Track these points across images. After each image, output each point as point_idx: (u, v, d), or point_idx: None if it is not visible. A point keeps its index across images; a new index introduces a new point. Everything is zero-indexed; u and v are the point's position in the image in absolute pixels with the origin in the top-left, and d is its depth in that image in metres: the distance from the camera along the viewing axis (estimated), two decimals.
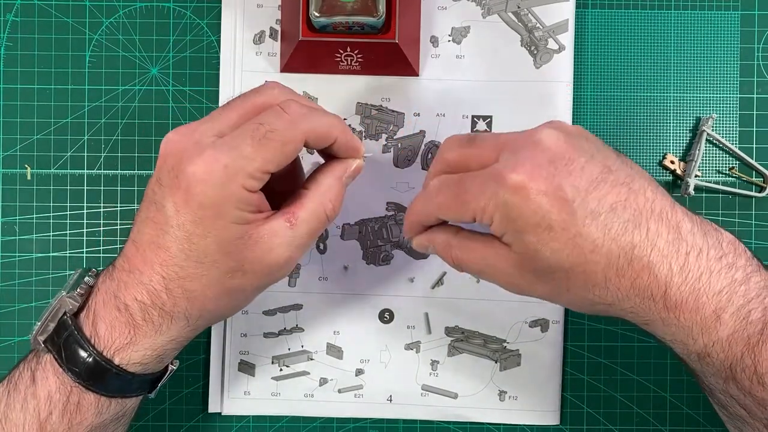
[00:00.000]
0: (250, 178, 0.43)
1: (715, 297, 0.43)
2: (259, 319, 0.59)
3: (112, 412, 0.47)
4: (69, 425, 0.46)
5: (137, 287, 0.45)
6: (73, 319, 0.46)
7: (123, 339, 0.46)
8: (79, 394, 0.46)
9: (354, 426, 0.60)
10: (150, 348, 0.46)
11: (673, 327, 0.44)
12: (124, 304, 0.45)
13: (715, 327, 0.43)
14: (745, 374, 0.43)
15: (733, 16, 0.59)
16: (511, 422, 0.59)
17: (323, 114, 0.47)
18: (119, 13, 0.60)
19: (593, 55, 0.59)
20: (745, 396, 0.44)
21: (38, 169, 0.59)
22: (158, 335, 0.46)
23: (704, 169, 0.59)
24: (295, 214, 0.46)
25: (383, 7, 0.52)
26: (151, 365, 0.47)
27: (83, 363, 0.45)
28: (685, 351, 0.45)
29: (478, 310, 0.59)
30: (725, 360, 0.43)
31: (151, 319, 0.45)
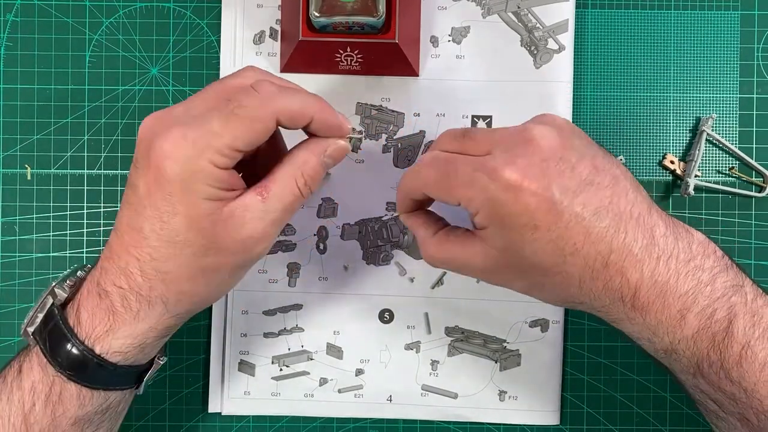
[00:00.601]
0: (217, 154, 0.43)
1: (681, 298, 0.44)
2: (259, 319, 0.59)
3: (95, 404, 0.47)
4: (52, 417, 0.46)
5: (116, 272, 0.45)
6: (59, 309, 0.47)
7: (103, 326, 0.45)
8: (61, 385, 0.46)
9: (354, 426, 0.60)
10: (130, 336, 0.46)
11: (639, 326, 0.45)
12: (105, 291, 0.45)
13: (680, 326, 0.44)
14: (712, 369, 0.44)
15: (733, 16, 0.59)
16: (511, 422, 0.59)
17: (298, 93, 0.46)
18: (119, 13, 0.60)
19: (593, 55, 0.59)
20: (714, 391, 0.45)
21: (38, 169, 0.59)
22: (137, 322, 0.45)
23: (704, 169, 0.59)
24: (267, 187, 0.45)
25: (383, 7, 0.52)
26: (132, 355, 0.46)
27: (65, 353, 0.45)
28: (652, 348, 0.46)
29: (478, 310, 0.59)
30: (692, 357, 0.45)
31: (129, 305, 0.45)
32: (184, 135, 0.43)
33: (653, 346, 0.46)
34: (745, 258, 0.59)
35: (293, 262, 0.59)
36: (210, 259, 0.45)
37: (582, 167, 0.44)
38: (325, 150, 0.47)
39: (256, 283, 0.59)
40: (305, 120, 0.45)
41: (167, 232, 0.44)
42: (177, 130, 0.43)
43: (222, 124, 0.43)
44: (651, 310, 0.44)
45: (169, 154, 0.43)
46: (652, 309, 0.44)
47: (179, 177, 0.43)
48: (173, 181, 0.43)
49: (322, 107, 0.46)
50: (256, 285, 0.59)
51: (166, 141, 0.43)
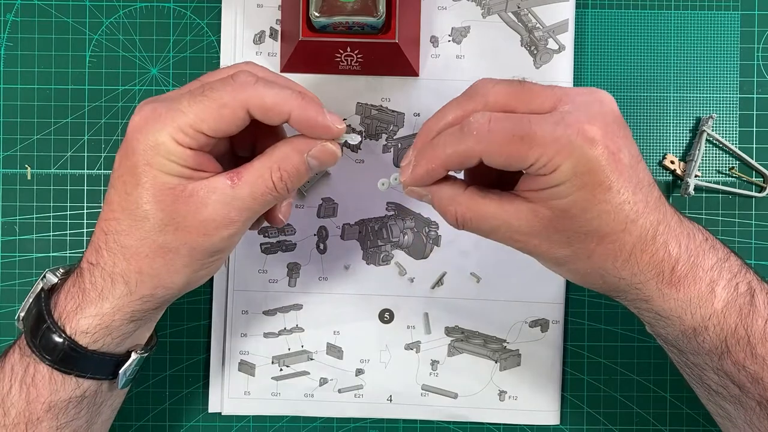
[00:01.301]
0: (180, 132, 0.43)
1: (708, 273, 0.45)
2: (259, 319, 0.59)
3: (67, 391, 0.47)
4: (27, 400, 0.46)
5: (90, 250, 0.46)
6: (46, 293, 0.47)
7: (73, 304, 0.46)
8: (34, 367, 0.46)
9: (354, 426, 0.60)
10: (96, 316, 0.46)
11: (671, 302, 0.45)
12: (80, 269, 0.46)
13: (711, 300, 0.45)
14: (740, 346, 0.45)
15: (733, 16, 0.59)
16: (511, 422, 0.59)
17: (277, 86, 0.44)
18: (119, 13, 0.60)
19: (593, 55, 0.59)
20: (739, 371, 0.45)
21: (38, 169, 0.59)
22: (101, 300, 0.46)
23: (704, 169, 0.59)
24: (239, 173, 0.44)
25: (383, 7, 0.52)
26: (100, 337, 0.46)
27: (41, 333, 0.46)
28: (681, 327, 0.46)
29: (478, 310, 0.59)
30: (721, 333, 0.45)
31: (95, 282, 0.46)
32: (154, 109, 0.44)
33: (682, 326, 0.45)
34: (745, 258, 0.59)
35: (293, 262, 0.59)
36: (169, 236, 0.44)
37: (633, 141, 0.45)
38: (310, 149, 0.45)
39: (256, 283, 0.59)
40: (280, 115, 0.44)
41: (129, 203, 0.44)
42: (149, 106, 0.44)
43: (189, 103, 0.43)
44: (684, 284, 0.45)
45: (137, 127, 0.44)
46: (685, 283, 0.45)
47: (143, 148, 0.44)
48: (138, 151, 0.44)
49: (303, 105, 0.44)
50: (256, 285, 0.59)
51: (137, 114, 0.44)
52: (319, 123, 0.45)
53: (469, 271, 0.59)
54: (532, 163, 0.42)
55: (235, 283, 0.59)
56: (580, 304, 0.59)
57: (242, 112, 0.44)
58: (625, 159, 0.43)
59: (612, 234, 0.43)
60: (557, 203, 0.43)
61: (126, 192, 0.44)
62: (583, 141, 0.41)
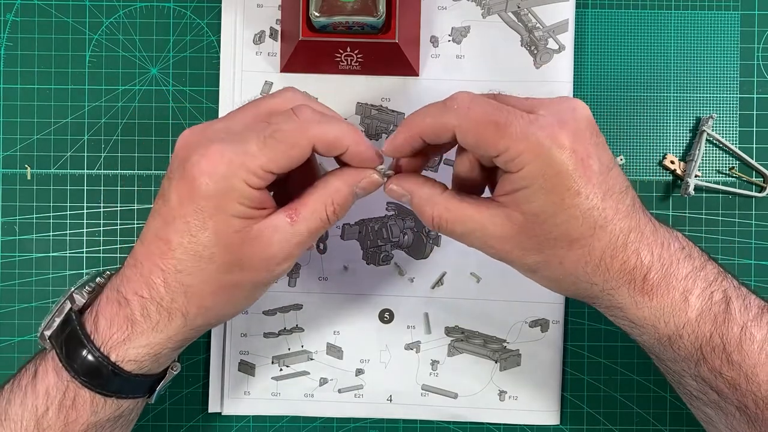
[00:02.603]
0: (252, 175, 0.43)
1: (682, 282, 0.46)
2: (259, 319, 0.59)
3: (107, 412, 0.47)
4: (65, 423, 0.46)
5: (138, 281, 0.45)
6: (77, 314, 0.47)
7: (120, 334, 0.46)
8: (75, 391, 0.46)
9: (354, 426, 0.60)
10: (147, 346, 0.46)
11: (645, 310, 0.46)
12: (125, 299, 0.46)
13: (684, 309, 0.45)
14: (715, 353, 0.45)
15: (733, 16, 0.59)
16: (511, 422, 0.59)
17: (336, 122, 0.46)
18: (119, 13, 0.60)
19: (593, 55, 0.59)
20: (716, 377, 0.46)
21: (38, 169, 0.59)
22: (155, 332, 0.46)
23: (704, 169, 0.59)
24: (297, 210, 0.45)
25: (383, 7, 0.52)
26: (147, 365, 0.47)
27: (81, 359, 0.45)
28: (656, 335, 0.46)
29: (478, 310, 0.59)
30: (695, 341, 0.45)
31: (149, 315, 0.45)
32: (222, 153, 0.43)
33: (657, 333, 0.46)
34: (745, 258, 0.59)
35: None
36: (234, 276, 0.45)
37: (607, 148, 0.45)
38: (359, 181, 0.47)
39: None
40: (340, 149, 0.46)
41: (194, 245, 0.44)
42: (215, 148, 0.43)
43: (259, 146, 0.43)
44: (657, 293, 0.45)
45: (205, 170, 0.43)
46: (658, 292, 0.45)
47: (213, 193, 0.43)
48: (206, 196, 0.43)
49: (357, 140, 0.46)
50: None
51: (204, 157, 0.43)
52: (371, 156, 0.47)
53: (469, 271, 0.59)
54: (500, 153, 0.43)
55: None
56: (580, 304, 0.59)
57: (309, 149, 0.45)
58: (595, 165, 0.44)
59: (581, 239, 0.44)
60: (528, 207, 0.44)
61: (190, 233, 0.44)
62: (552, 143, 0.43)
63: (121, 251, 0.59)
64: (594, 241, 0.44)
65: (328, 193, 0.46)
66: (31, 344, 0.59)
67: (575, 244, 0.44)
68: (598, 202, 0.44)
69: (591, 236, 0.44)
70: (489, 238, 0.45)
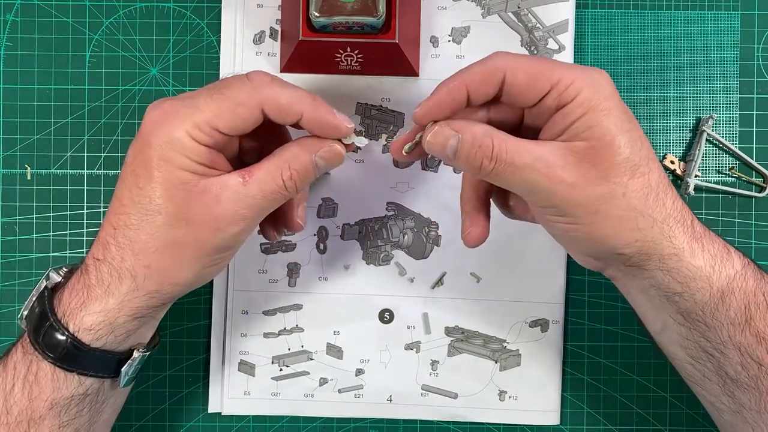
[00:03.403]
0: (196, 128, 0.44)
1: (718, 236, 0.47)
2: (259, 319, 0.59)
3: (70, 388, 0.47)
4: (29, 398, 0.46)
5: (96, 245, 0.46)
6: (49, 291, 0.47)
7: (77, 301, 0.46)
8: (37, 364, 0.46)
9: (354, 426, 0.60)
10: (101, 312, 0.46)
11: (699, 258, 0.46)
12: (86, 266, 0.46)
13: (730, 259, 0.46)
14: (760, 311, 0.46)
15: (733, 16, 0.59)
16: (511, 422, 0.59)
17: (290, 87, 0.46)
18: (119, 13, 0.60)
19: (593, 55, 0.59)
20: (759, 342, 0.46)
21: (38, 169, 0.59)
22: (107, 296, 0.46)
23: (704, 169, 0.59)
24: (251, 171, 0.45)
25: (383, 7, 0.52)
26: (104, 334, 0.46)
27: (44, 331, 0.46)
28: (710, 291, 0.46)
29: (478, 310, 0.59)
30: (744, 297, 0.46)
31: (102, 277, 0.46)
32: (171, 106, 0.45)
33: (711, 288, 0.46)
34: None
35: (293, 262, 0.59)
36: (180, 231, 0.45)
37: None
38: (319, 148, 0.46)
39: (256, 283, 0.59)
40: (294, 115, 0.45)
41: (141, 197, 0.45)
42: (167, 103, 0.45)
43: (206, 100, 0.44)
44: (706, 241, 0.46)
45: (154, 122, 0.45)
46: (705, 240, 0.46)
47: (158, 143, 0.44)
48: (153, 146, 0.44)
49: (315, 105, 0.45)
50: (256, 285, 0.59)
51: (154, 110, 0.45)
52: (330, 122, 0.46)
53: (469, 271, 0.59)
54: (553, 85, 0.44)
55: (235, 283, 0.59)
56: (580, 304, 0.59)
57: (257, 110, 0.45)
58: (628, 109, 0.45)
59: (641, 165, 0.44)
60: (590, 132, 0.44)
61: (138, 186, 0.45)
62: (598, 74, 0.45)
63: None
64: (650, 171, 0.45)
65: (286, 158, 0.46)
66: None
67: (637, 171, 0.44)
68: (643, 134, 0.45)
69: (647, 164, 0.44)
70: (551, 168, 0.43)
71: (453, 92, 0.45)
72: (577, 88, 0.43)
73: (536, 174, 0.44)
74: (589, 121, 0.43)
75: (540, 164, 0.43)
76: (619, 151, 0.44)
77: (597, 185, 0.44)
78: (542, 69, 0.44)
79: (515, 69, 0.44)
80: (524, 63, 0.45)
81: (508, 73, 0.44)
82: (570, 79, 0.44)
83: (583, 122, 0.44)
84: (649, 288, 0.47)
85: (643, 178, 0.44)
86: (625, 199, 0.44)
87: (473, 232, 0.49)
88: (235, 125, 0.45)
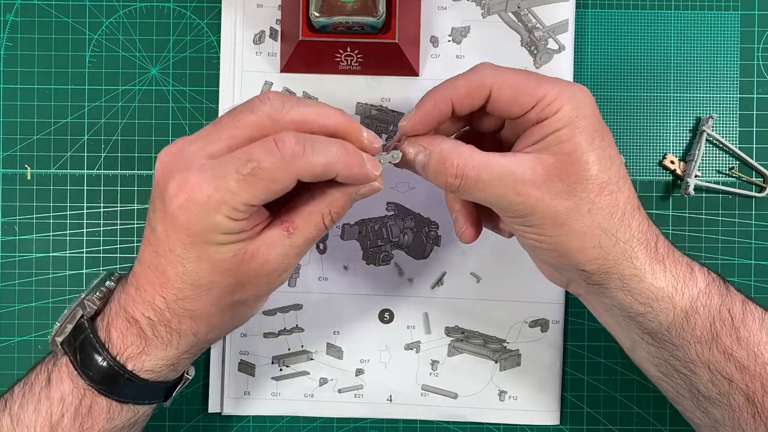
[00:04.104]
0: (233, 210, 0.42)
1: (683, 257, 0.47)
2: (259, 319, 0.59)
3: (123, 418, 0.47)
4: (80, 429, 0.46)
5: (143, 304, 0.45)
6: (89, 322, 0.46)
7: (135, 348, 0.46)
8: (92, 398, 0.46)
9: (354, 426, 0.60)
10: (163, 358, 0.46)
11: (661, 279, 0.46)
12: (133, 318, 0.45)
13: (693, 279, 0.46)
14: (726, 329, 0.46)
15: (733, 16, 0.59)
16: (511, 422, 0.59)
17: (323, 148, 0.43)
18: (119, 13, 0.60)
19: (593, 55, 0.59)
20: (727, 359, 0.46)
21: (38, 169, 0.59)
22: (169, 348, 0.46)
23: (704, 169, 0.59)
24: (294, 222, 0.44)
25: (383, 7, 0.52)
26: (165, 373, 0.47)
27: (97, 367, 0.45)
28: (673, 311, 0.46)
29: (478, 310, 0.59)
30: (709, 315, 0.46)
31: (160, 335, 0.45)
32: (200, 188, 0.42)
33: (674, 308, 0.46)
34: (745, 258, 0.59)
35: None
36: (236, 295, 0.45)
37: None
38: (358, 189, 0.46)
39: None
40: (328, 178, 0.44)
41: (190, 276, 0.43)
42: (193, 181, 0.42)
43: (239, 184, 0.41)
44: (668, 262, 0.46)
45: (185, 208, 0.42)
46: (668, 261, 0.46)
47: (195, 230, 0.42)
48: (189, 233, 0.42)
49: (348, 165, 0.43)
50: None
51: (182, 191, 0.42)
52: (362, 177, 0.45)
53: (469, 271, 0.59)
54: (538, 100, 0.44)
55: None
56: (580, 304, 0.59)
57: (293, 183, 0.43)
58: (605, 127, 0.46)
59: (610, 184, 0.44)
60: (561, 147, 0.44)
61: (183, 266, 0.43)
62: (578, 91, 0.45)
63: (121, 251, 0.59)
64: (619, 190, 0.45)
65: (326, 202, 0.45)
66: (31, 344, 0.59)
67: (605, 188, 0.44)
68: (616, 154, 0.45)
69: (617, 183, 0.45)
70: (518, 182, 0.44)
71: (439, 106, 0.45)
72: (559, 104, 0.44)
73: (503, 188, 0.44)
74: (563, 136, 0.44)
75: (508, 178, 0.44)
76: (587, 167, 0.44)
77: (563, 199, 0.44)
78: (528, 84, 0.44)
79: (501, 84, 0.44)
80: (510, 78, 0.45)
81: (494, 89, 0.45)
82: (554, 95, 0.44)
83: (556, 136, 0.44)
84: (612, 307, 0.47)
85: (611, 196, 0.45)
86: (591, 215, 0.44)
87: (467, 231, 0.49)
88: (270, 198, 0.43)
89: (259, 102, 0.43)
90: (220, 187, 0.41)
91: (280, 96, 0.44)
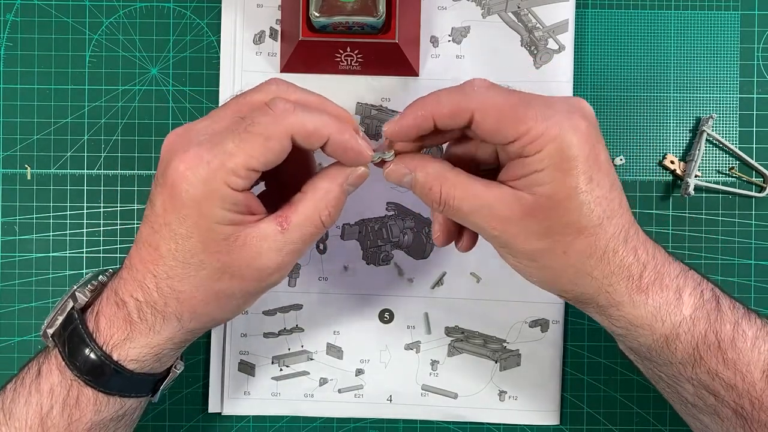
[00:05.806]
0: (232, 175, 0.42)
1: (674, 280, 0.46)
2: (259, 319, 0.59)
3: (111, 410, 0.47)
4: (69, 421, 0.46)
5: (133, 284, 0.45)
6: (79, 313, 0.47)
7: (120, 334, 0.46)
8: (78, 389, 0.46)
9: (354, 426, 0.60)
10: (146, 346, 0.46)
11: (642, 309, 0.45)
12: (122, 300, 0.46)
13: (679, 306, 0.45)
14: (711, 352, 0.45)
15: (733, 16, 0.59)
16: (511, 422, 0.59)
17: (314, 110, 0.44)
18: (119, 13, 0.60)
19: (593, 55, 0.59)
20: (713, 378, 0.46)
21: (38, 169, 0.59)
22: (153, 334, 0.46)
23: (704, 169, 0.59)
24: (288, 218, 0.44)
25: (383, 7, 0.52)
26: (149, 363, 0.47)
27: (84, 358, 0.46)
28: (652, 336, 0.46)
29: (478, 310, 0.59)
30: (692, 340, 0.45)
31: (145, 317, 0.45)
32: (200, 156, 0.42)
33: (653, 334, 0.46)
34: (745, 258, 0.59)
35: None
36: (224, 283, 0.45)
37: None
38: (347, 177, 0.46)
39: None
40: (320, 140, 0.44)
41: (182, 253, 0.44)
42: (194, 151, 0.42)
43: (236, 143, 0.42)
44: (652, 291, 0.45)
45: (184, 176, 0.42)
46: (653, 290, 0.45)
47: (194, 199, 0.42)
48: (188, 203, 0.42)
49: (340, 128, 0.44)
50: None
51: (182, 162, 0.42)
52: (354, 148, 0.45)
53: (469, 271, 0.59)
54: (520, 135, 0.43)
55: None
56: None
57: (287, 141, 0.43)
58: (603, 155, 0.44)
59: (589, 227, 0.44)
60: (541, 189, 0.43)
61: (176, 241, 0.43)
62: (569, 126, 0.43)
63: (121, 251, 0.59)
64: (600, 232, 0.44)
65: (319, 196, 0.45)
66: (31, 344, 0.59)
67: (583, 232, 0.44)
68: (607, 193, 0.44)
69: (599, 226, 0.44)
70: (494, 218, 0.44)
71: (419, 120, 0.45)
72: (541, 144, 0.42)
73: (482, 220, 0.44)
74: (544, 178, 0.43)
75: (485, 211, 0.44)
76: (566, 213, 0.43)
77: (536, 240, 0.44)
78: (513, 116, 0.43)
79: (485, 112, 0.43)
80: (497, 104, 0.43)
81: (477, 115, 0.43)
82: (538, 132, 0.42)
83: (538, 177, 0.43)
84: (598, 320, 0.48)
85: (590, 239, 0.44)
86: (565, 257, 0.44)
87: (440, 238, 0.49)
88: (268, 160, 0.43)
89: (267, 84, 0.45)
90: (218, 152, 0.42)
91: (286, 82, 0.46)
